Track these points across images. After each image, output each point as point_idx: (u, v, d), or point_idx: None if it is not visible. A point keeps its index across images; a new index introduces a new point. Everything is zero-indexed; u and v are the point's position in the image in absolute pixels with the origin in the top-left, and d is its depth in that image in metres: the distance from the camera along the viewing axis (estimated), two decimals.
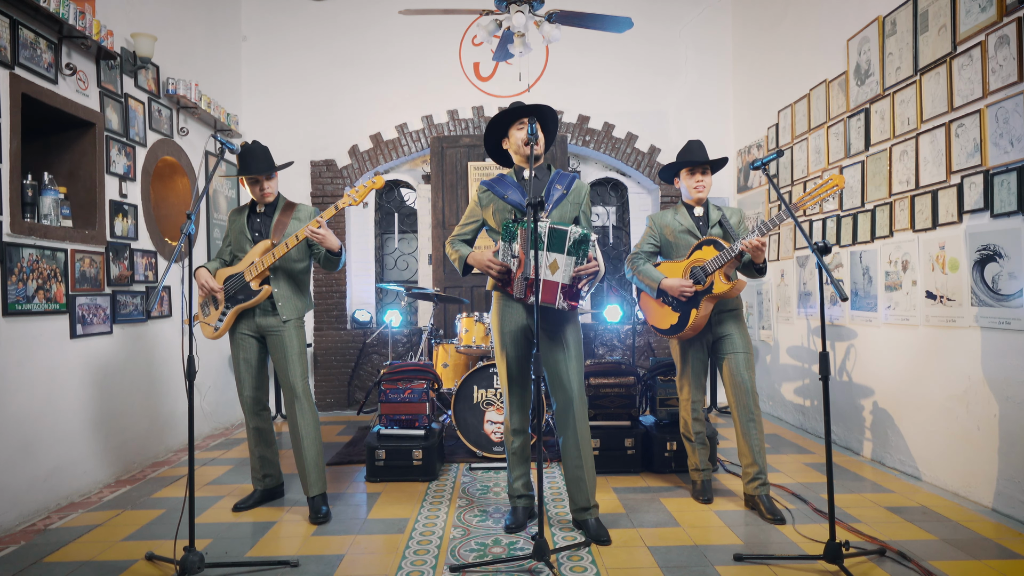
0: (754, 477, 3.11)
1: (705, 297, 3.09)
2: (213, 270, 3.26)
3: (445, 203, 5.77)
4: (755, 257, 2.96)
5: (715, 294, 3.06)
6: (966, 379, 3.28)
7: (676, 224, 3.29)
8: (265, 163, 3.18)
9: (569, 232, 2.61)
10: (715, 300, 3.11)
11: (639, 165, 6.29)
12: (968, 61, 3.24)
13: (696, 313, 3.11)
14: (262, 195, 3.22)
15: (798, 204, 2.84)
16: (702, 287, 3.10)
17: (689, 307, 3.14)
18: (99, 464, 3.73)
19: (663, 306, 3.26)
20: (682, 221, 3.27)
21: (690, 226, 3.25)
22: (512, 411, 2.94)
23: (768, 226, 2.89)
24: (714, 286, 3.05)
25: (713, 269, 3.05)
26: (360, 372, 6.15)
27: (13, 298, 3.13)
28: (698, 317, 3.11)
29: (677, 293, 3.13)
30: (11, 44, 3.20)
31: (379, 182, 3.08)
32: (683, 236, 3.25)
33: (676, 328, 3.19)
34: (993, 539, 2.75)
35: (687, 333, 3.17)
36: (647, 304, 3.36)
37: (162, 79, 4.59)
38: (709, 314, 3.13)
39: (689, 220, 3.26)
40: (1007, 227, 3.01)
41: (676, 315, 3.19)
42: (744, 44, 6.01)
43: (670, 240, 3.30)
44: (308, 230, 3.00)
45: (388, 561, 2.64)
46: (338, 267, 3.21)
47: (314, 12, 6.17)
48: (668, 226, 3.31)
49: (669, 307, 3.23)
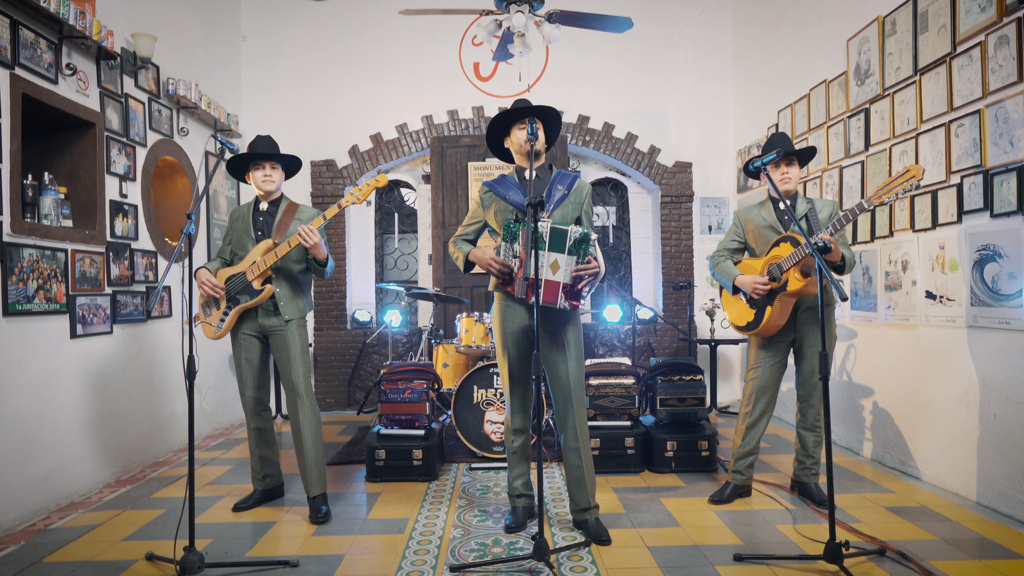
0: (808, 466, 3.27)
1: (780, 295, 3.03)
2: (213, 270, 3.25)
3: (445, 203, 5.77)
4: (828, 257, 2.88)
5: (790, 292, 2.98)
6: (966, 379, 3.28)
7: (760, 220, 3.23)
8: (270, 147, 3.23)
9: (569, 232, 2.61)
10: (792, 298, 3.04)
11: (639, 165, 6.29)
12: (968, 61, 3.24)
13: (771, 311, 3.07)
14: (263, 181, 3.21)
15: (872, 198, 2.73)
16: (777, 284, 3.04)
17: (764, 304, 3.11)
18: (99, 464, 3.73)
19: (740, 302, 3.24)
20: (765, 217, 3.22)
21: (773, 222, 3.19)
22: (513, 411, 2.94)
23: (837, 226, 2.83)
24: (788, 283, 2.98)
25: (788, 266, 2.97)
26: (360, 372, 6.15)
27: (13, 298, 3.13)
28: (773, 314, 3.07)
29: (750, 290, 3.11)
30: (11, 44, 3.20)
31: (382, 180, 3.08)
32: (765, 232, 3.20)
33: (752, 325, 3.17)
34: (993, 539, 2.76)
35: (765, 331, 3.14)
36: (726, 301, 3.35)
37: (162, 79, 4.59)
38: (788, 312, 3.09)
39: (772, 215, 3.20)
40: (1007, 227, 3.01)
41: (752, 312, 3.17)
42: (744, 44, 6.01)
43: (753, 236, 3.26)
44: (300, 236, 2.99)
45: (388, 561, 2.64)
46: (323, 276, 3.21)
47: (314, 12, 6.17)
48: (752, 222, 3.27)
49: (746, 304, 3.21)
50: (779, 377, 3.25)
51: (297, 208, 3.30)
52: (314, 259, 3.17)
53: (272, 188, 3.25)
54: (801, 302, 3.13)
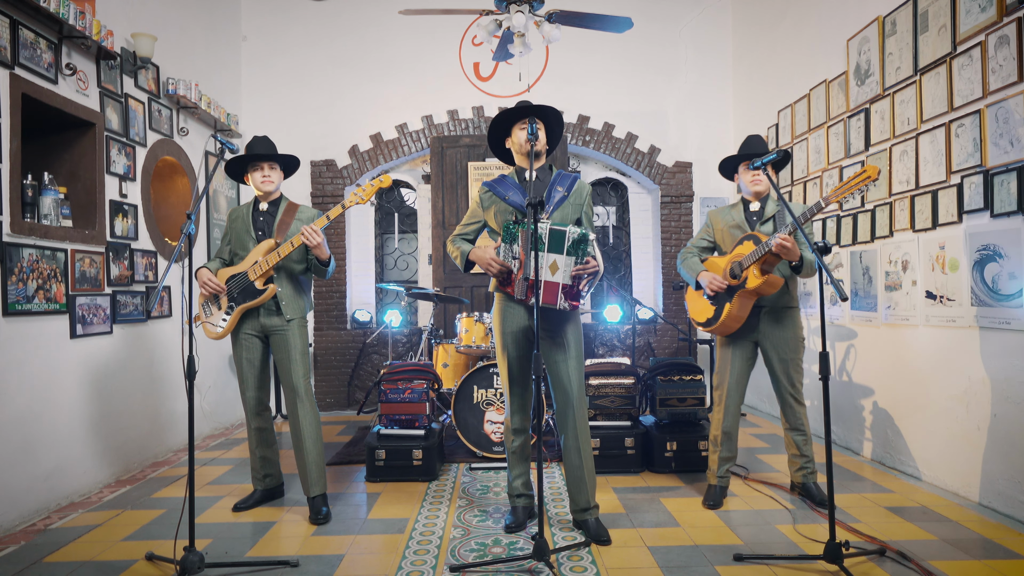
0: (802, 466, 3.27)
1: (739, 292, 3.08)
2: (214, 270, 3.25)
3: (445, 203, 5.77)
4: (785, 256, 2.91)
5: (748, 289, 3.04)
6: (966, 379, 3.28)
7: (729, 220, 3.29)
8: (268, 148, 3.23)
9: (568, 232, 2.61)
10: (751, 296, 3.09)
11: (639, 165, 6.29)
12: (968, 61, 3.24)
13: (729, 307, 3.12)
14: (262, 182, 3.21)
15: (831, 197, 2.75)
16: (736, 282, 3.10)
17: (723, 301, 3.16)
18: (99, 464, 3.73)
19: (702, 299, 3.29)
20: (734, 216, 3.28)
21: (740, 221, 3.25)
22: (513, 411, 2.94)
23: (789, 227, 2.85)
24: (748, 281, 3.04)
25: (748, 264, 3.03)
26: (360, 372, 6.15)
27: (13, 298, 3.13)
28: (732, 311, 3.11)
29: (707, 286, 3.17)
30: (11, 44, 3.20)
31: (386, 181, 3.07)
32: (733, 231, 3.26)
33: (711, 321, 3.22)
34: (993, 539, 2.75)
35: (723, 328, 3.18)
36: (690, 297, 3.41)
37: (162, 79, 4.59)
38: (747, 310, 3.13)
39: (741, 216, 3.26)
40: (1007, 227, 3.01)
41: (712, 308, 3.22)
42: (744, 44, 6.01)
43: (722, 235, 3.32)
44: (303, 235, 3.00)
45: (388, 561, 2.64)
46: (324, 276, 3.21)
47: (314, 12, 6.17)
48: (721, 221, 3.33)
49: (707, 301, 3.26)
50: (745, 379, 3.28)
51: (297, 208, 3.30)
52: (316, 259, 3.17)
53: (271, 188, 3.24)
54: (762, 301, 3.16)
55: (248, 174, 3.27)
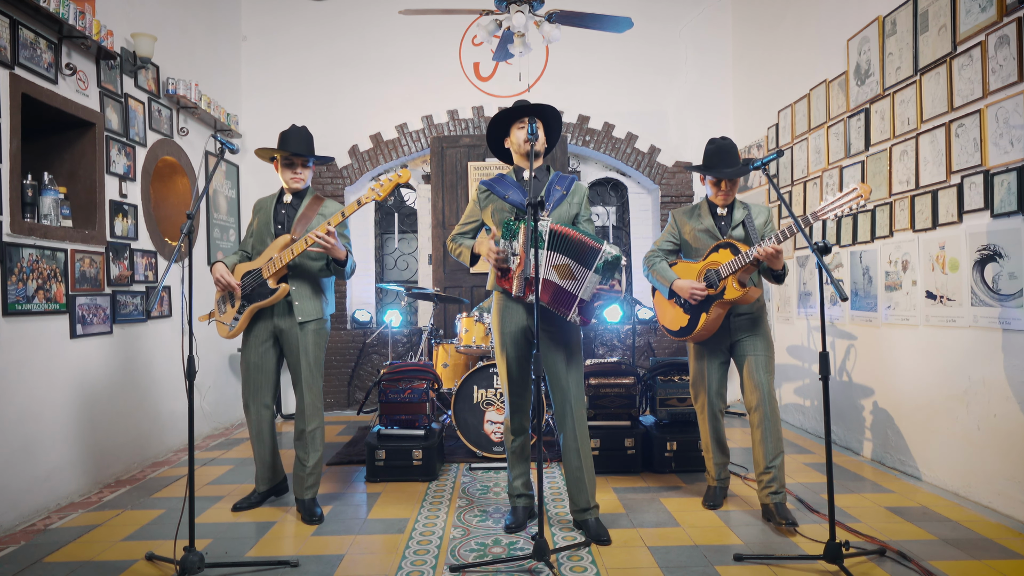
0: (766, 485, 2.99)
1: (716, 302, 3.00)
2: (231, 265, 3.17)
3: (445, 203, 5.77)
4: (772, 264, 2.85)
5: (726, 300, 2.97)
6: (966, 379, 3.28)
7: (697, 223, 3.18)
8: (305, 145, 3.13)
9: (603, 251, 2.57)
10: (727, 306, 3.02)
11: (639, 165, 6.29)
12: (968, 61, 3.24)
13: (706, 317, 3.03)
14: (292, 179, 3.13)
15: (818, 214, 2.68)
16: (714, 291, 3.00)
17: (699, 310, 3.06)
18: (99, 464, 3.73)
19: (675, 307, 3.18)
20: (703, 221, 3.16)
21: (710, 226, 3.13)
22: (512, 411, 2.94)
23: (786, 234, 2.76)
24: (726, 291, 2.96)
25: (727, 274, 2.94)
26: (360, 372, 6.15)
27: (13, 298, 3.13)
28: (708, 321, 3.03)
29: (688, 296, 3.05)
30: (11, 44, 3.20)
31: (405, 176, 2.94)
32: (702, 236, 3.14)
33: (685, 331, 3.13)
34: (993, 539, 2.75)
35: (697, 336, 3.11)
36: (660, 304, 3.29)
37: (162, 79, 4.59)
38: (721, 319, 3.05)
39: (710, 220, 3.14)
40: (1007, 227, 3.01)
41: (687, 317, 3.12)
42: (744, 44, 6.01)
43: (689, 239, 3.21)
44: (314, 235, 2.90)
45: (388, 561, 2.64)
46: (345, 277, 3.12)
47: (314, 12, 6.17)
48: (689, 224, 3.21)
49: (680, 308, 3.15)
50: (725, 383, 3.23)
51: (322, 202, 3.18)
52: (333, 259, 3.06)
53: (300, 187, 3.17)
54: (734, 308, 3.08)
55: (277, 163, 3.16)
